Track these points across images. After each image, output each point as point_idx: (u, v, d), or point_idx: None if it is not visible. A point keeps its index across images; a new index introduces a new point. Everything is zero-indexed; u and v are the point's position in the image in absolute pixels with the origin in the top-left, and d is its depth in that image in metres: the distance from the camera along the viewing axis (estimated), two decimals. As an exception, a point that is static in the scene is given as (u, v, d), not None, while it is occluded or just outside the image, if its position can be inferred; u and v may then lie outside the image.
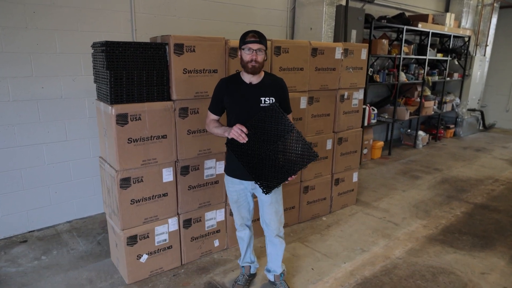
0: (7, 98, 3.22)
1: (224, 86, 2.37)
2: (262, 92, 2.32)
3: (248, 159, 2.25)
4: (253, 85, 2.33)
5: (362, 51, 3.82)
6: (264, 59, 2.27)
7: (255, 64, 2.22)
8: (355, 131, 4.01)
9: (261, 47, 2.22)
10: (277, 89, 2.37)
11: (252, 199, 2.60)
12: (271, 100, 2.30)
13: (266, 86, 2.34)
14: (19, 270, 2.91)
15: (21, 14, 3.17)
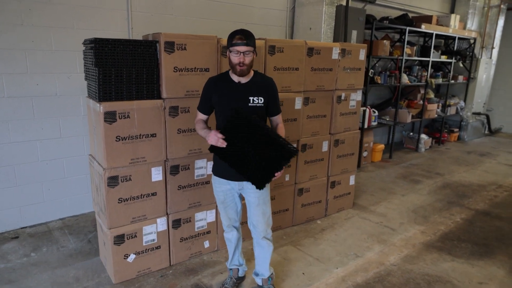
0: (1, 94, 3.21)
1: (212, 85, 2.35)
2: (250, 92, 2.28)
3: (233, 160, 2.21)
4: (241, 84, 2.30)
5: (360, 51, 3.76)
6: (252, 60, 2.22)
7: (243, 67, 2.19)
8: (353, 133, 3.95)
9: (249, 49, 2.17)
10: (266, 89, 2.33)
11: (240, 201, 2.57)
12: (259, 100, 2.28)
13: (255, 85, 2.30)
14: (7, 266, 2.90)
15: (17, 11, 3.16)
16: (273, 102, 2.37)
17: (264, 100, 2.30)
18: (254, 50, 2.21)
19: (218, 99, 2.33)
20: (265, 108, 2.35)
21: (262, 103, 2.30)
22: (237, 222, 2.63)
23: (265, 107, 2.34)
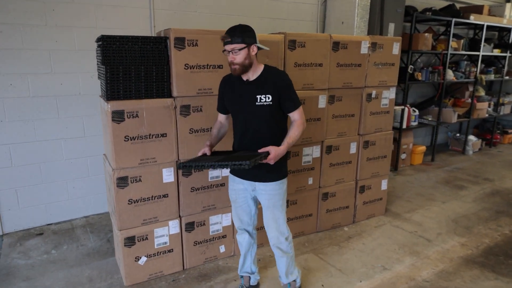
0: (27, 94, 3.29)
1: (223, 84, 2.29)
2: (258, 89, 2.13)
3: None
4: (249, 82, 2.15)
5: (393, 45, 3.45)
6: (245, 58, 2.06)
7: (234, 66, 2.07)
8: (385, 134, 3.64)
9: (234, 47, 2.03)
10: (274, 84, 2.12)
11: (255, 204, 2.43)
12: (266, 98, 2.11)
13: (263, 82, 2.14)
14: (28, 262, 2.96)
15: (41, 11, 3.22)
16: (285, 97, 2.15)
17: (273, 98, 2.12)
18: (246, 47, 2.04)
19: (227, 98, 2.27)
20: (277, 105, 2.15)
21: (270, 101, 2.12)
22: (250, 226, 2.48)
23: (276, 104, 2.14)
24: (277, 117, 2.20)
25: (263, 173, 2.22)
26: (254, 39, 2.09)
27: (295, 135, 2.17)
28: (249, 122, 2.19)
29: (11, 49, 3.17)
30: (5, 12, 3.09)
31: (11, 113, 3.26)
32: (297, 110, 2.20)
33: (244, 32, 2.05)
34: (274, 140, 2.16)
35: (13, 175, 3.36)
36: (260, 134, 2.19)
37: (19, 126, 3.30)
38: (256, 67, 2.14)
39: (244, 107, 2.17)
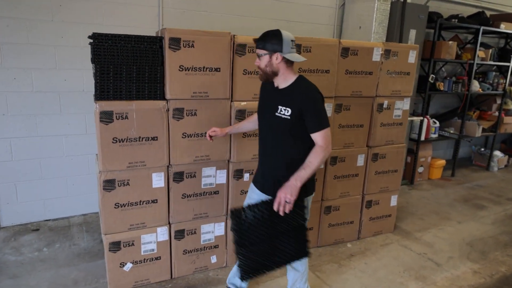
0: (30, 89, 3.27)
1: (263, 85, 2.24)
2: (281, 100, 2.04)
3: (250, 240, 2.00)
4: (278, 89, 2.07)
5: (409, 53, 3.23)
6: (266, 65, 1.98)
7: (260, 72, 2.06)
8: (397, 147, 3.42)
9: (257, 52, 2.01)
10: (296, 100, 1.98)
11: None
12: (286, 111, 1.99)
13: (288, 94, 2.03)
14: (18, 259, 2.93)
15: (48, 7, 3.19)
16: (308, 116, 1.97)
17: (292, 112, 1.97)
18: (267, 54, 1.96)
19: (260, 100, 2.26)
20: (296, 122, 1.99)
21: (289, 115, 1.98)
22: None
23: (295, 121, 1.99)
24: (296, 135, 2.04)
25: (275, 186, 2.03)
26: (280, 47, 1.94)
27: (313, 163, 1.95)
28: (267, 130, 2.14)
29: (16, 44, 3.15)
30: (12, 6, 3.08)
31: (13, 107, 3.25)
32: (320, 133, 1.98)
33: (269, 39, 1.96)
34: (289, 157, 2.06)
35: (13, 169, 3.35)
36: (276, 146, 2.10)
37: (21, 121, 3.29)
38: (286, 76, 2.03)
39: (266, 113, 2.13)
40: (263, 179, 2.19)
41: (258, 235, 1.97)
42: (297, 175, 1.95)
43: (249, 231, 1.96)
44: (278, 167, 2.11)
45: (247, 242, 1.97)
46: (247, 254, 1.97)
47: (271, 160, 2.13)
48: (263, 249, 1.99)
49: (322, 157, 1.97)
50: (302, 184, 1.95)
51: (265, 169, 2.19)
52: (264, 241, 1.99)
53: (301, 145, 2.06)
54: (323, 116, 2.00)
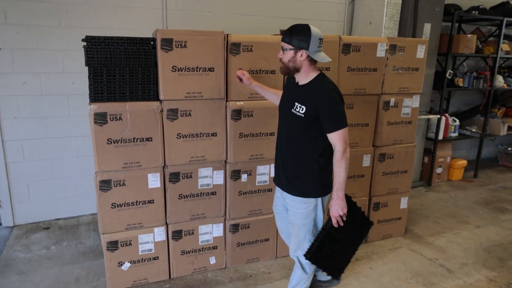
0: (40, 92, 3.38)
1: (287, 80, 2.28)
2: (298, 96, 2.05)
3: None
4: (298, 85, 2.08)
5: (418, 48, 3.09)
6: (289, 60, 1.97)
7: (280, 65, 2.06)
8: (405, 146, 3.28)
9: (282, 45, 2.00)
10: (315, 99, 1.97)
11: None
12: (301, 109, 1.98)
13: (306, 91, 2.03)
14: (26, 256, 3.03)
15: (55, 12, 3.29)
16: (323, 115, 1.95)
17: (307, 110, 1.97)
18: (292, 49, 1.95)
19: (283, 93, 2.29)
20: (310, 121, 1.99)
21: (303, 113, 1.98)
22: (288, 239, 2.42)
23: (310, 119, 1.98)
24: (310, 134, 2.03)
25: (288, 183, 2.16)
26: (307, 45, 1.91)
27: (342, 171, 1.97)
28: (283, 126, 2.16)
29: (26, 49, 3.27)
30: (21, 13, 3.20)
31: (24, 110, 3.37)
32: (336, 133, 1.94)
33: (297, 35, 1.93)
34: (302, 157, 2.07)
35: (24, 169, 3.48)
36: (289, 144, 2.10)
37: (31, 123, 3.41)
38: (307, 73, 2.02)
39: (284, 109, 2.14)
40: (279, 176, 2.24)
41: (333, 253, 2.17)
42: (336, 188, 2.01)
43: (326, 255, 2.16)
44: (290, 165, 2.12)
45: (328, 262, 2.18)
46: (332, 265, 2.21)
47: (284, 157, 2.15)
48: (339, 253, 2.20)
49: (344, 163, 1.97)
50: (343, 194, 2.02)
51: (279, 165, 2.22)
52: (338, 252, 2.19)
53: (315, 145, 2.04)
54: (340, 116, 1.95)
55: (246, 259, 2.98)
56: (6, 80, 3.26)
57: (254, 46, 2.57)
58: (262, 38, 2.59)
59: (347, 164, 1.97)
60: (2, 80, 3.25)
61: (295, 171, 2.09)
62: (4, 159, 3.38)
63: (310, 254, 2.11)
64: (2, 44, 3.20)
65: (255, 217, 2.90)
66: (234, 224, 2.84)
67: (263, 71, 2.64)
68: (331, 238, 2.12)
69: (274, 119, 2.72)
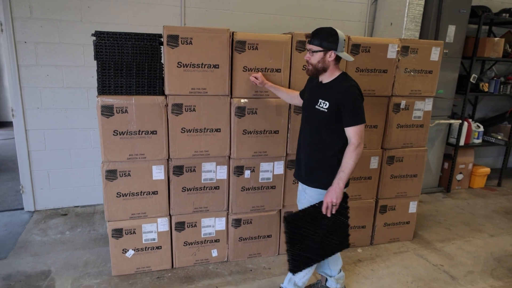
0: (61, 85, 3.57)
1: (309, 80, 2.37)
2: (322, 93, 2.14)
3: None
4: (321, 84, 2.18)
5: (432, 50, 3.02)
6: (319, 61, 2.08)
7: (308, 67, 2.15)
8: (416, 150, 3.21)
9: (311, 48, 2.09)
10: (335, 94, 2.07)
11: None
12: (324, 105, 2.09)
13: (329, 88, 2.12)
14: (42, 240, 3.21)
15: (77, 8, 3.46)
16: (344, 110, 2.05)
17: (330, 106, 2.07)
18: (322, 51, 2.05)
19: (306, 93, 2.35)
20: (333, 116, 2.09)
21: (326, 108, 2.09)
22: None
23: (333, 115, 2.08)
24: (330, 127, 2.13)
25: (309, 176, 2.24)
26: (335, 45, 2.05)
27: (349, 163, 2.06)
28: (306, 122, 2.24)
29: (49, 43, 3.46)
30: (45, 8, 3.38)
31: (46, 101, 3.56)
32: (353, 128, 2.06)
33: (326, 37, 2.04)
34: (323, 151, 2.16)
35: (46, 158, 3.68)
36: (311, 139, 2.20)
37: (52, 114, 3.60)
38: (332, 73, 2.13)
39: (308, 106, 2.21)
40: (299, 169, 2.33)
41: (307, 235, 2.17)
42: (338, 177, 2.08)
43: (299, 232, 2.16)
44: (310, 158, 2.22)
45: (297, 242, 2.17)
46: (297, 251, 2.18)
47: (305, 151, 2.24)
48: (311, 245, 2.19)
49: (355, 156, 2.05)
50: (344, 185, 2.09)
51: (300, 159, 2.30)
52: (312, 239, 2.18)
53: (335, 140, 2.14)
54: (360, 112, 2.07)
55: (248, 254, 3.02)
56: (30, 72, 3.46)
57: (259, 45, 2.60)
58: (267, 37, 2.62)
59: (357, 158, 2.07)
60: (26, 72, 3.45)
61: (315, 165, 2.20)
62: (27, 147, 3.59)
63: (291, 218, 2.15)
64: (27, 37, 3.39)
65: (258, 213, 2.93)
66: (237, 219, 2.89)
67: (268, 69, 2.67)
68: (312, 219, 2.16)
69: (279, 117, 2.76)
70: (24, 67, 3.45)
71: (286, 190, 2.96)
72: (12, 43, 3.37)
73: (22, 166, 3.64)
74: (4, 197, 4.03)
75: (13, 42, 3.38)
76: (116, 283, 2.66)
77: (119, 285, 2.64)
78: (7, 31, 3.34)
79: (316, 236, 2.18)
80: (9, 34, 3.35)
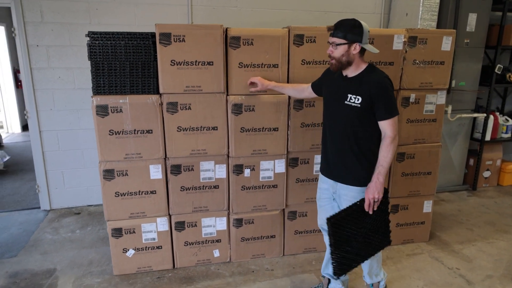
0: (72, 86, 3.66)
1: (326, 74, 2.31)
2: (351, 88, 2.05)
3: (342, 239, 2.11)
4: (347, 78, 2.09)
5: (443, 39, 2.82)
6: (343, 54, 1.99)
7: (331, 61, 2.05)
8: (429, 146, 3.02)
9: (334, 40, 1.99)
10: (368, 88, 1.99)
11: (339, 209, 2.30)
12: (356, 99, 2.01)
13: (359, 82, 2.03)
14: (53, 238, 3.30)
15: (86, 11, 3.53)
16: (378, 103, 1.99)
17: (363, 100, 2.00)
18: (346, 43, 1.96)
19: (325, 90, 2.26)
20: (367, 110, 2.02)
21: (359, 103, 2.01)
22: None
23: (367, 108, 2.02)
24: (364, 122, 2.06)
25: (345, 173, 2.15)
26: (360, 37, 1.97)
27: (388, 157, 2.01)
28: (335, 118, 2.15)
29: (60, 46, 3.55)
30: (55, 12, 3.47)
31: (59, 102, 3.66)
32: (388, 121, 2.01)
33: (350, 29, 1.96)
34: (356, 144, 2.09)
35: (60, 158, 3.78)
36: (344, 135, 2.11)
37: (65, 115, 3.70)
38: (358, 66, 2.05)
39: (335, 102, 2.13)
40: (331, 167, 2.22)
41: (350, 235, 2.10)
42: (378, 172, 2.03)
43: (343, 233, 2.09)
44: (346, 155, 2.13)
45: (342, 244, 2.10)
46: (342, 254, 2.11)
47: (336, 148, 2.16)
48: (355, 246, 2.12)
49: (393, 149, 2.01)
50: (384, 180, 2.04)
51: (333, 157, 2.20)
52: (356, 240, 2.11)
53: (370, 134, 2.08)
54: (394, 103, 2.02)
55: (252, 255, 2.96)
56: (43, 74, 3.57)
57: (255, 40, 2.53)
58: (263, 32, 2.54)
59: (394, 152, 2.03)
60: (39, 75, 3.56)
61: (352, 161, 2.12)
62: (41, 147, 3.71)
63: (334, 219, 2.05)
64: (39, 41, 3.50)
65: (260, 213, 2.87)
66: (238, 219, 2.84)
67: (265, 65, 2.59)
68: (355, 218, 2.08)
69: (277, 114, 2.68)
70: (36, 70, 3.56)
71: (289, 189, 2.87)
72: (25, 46, 3.49)
73: (37, 166, 3.76)
74: (25, 196, 4.20)
75: (26, 46, 3.49)
76: (116, 282, 2.68)
77: (119, 284, 2.66)
78: (20, 35, 3.46)
79: (359, 236, 2.11)
80: (22, 38, 3.47)
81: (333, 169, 2.20)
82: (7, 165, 5.16)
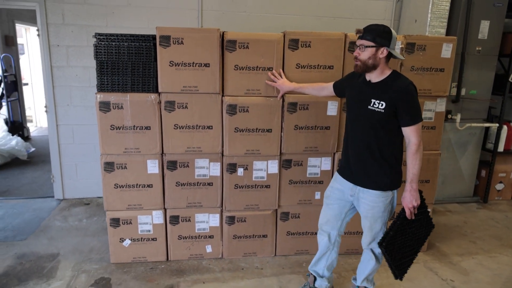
0: (88, 84, 3.88)
1: (351, 75, 2.33)
2: (375, 93, 2.08)
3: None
4: (371, 83, 2.12)
5: (443, 46, 2.80)
6: (369, 58, 2.02)
7: (357, 63, 2.08)
8: (428, 154, 2.99)
9: (362, 43, 2.03)
10: (395, 94, 2.02)
11: (351, 213, 2.39)
12: (380, 105, 2.05)
13: (383, 87, 2.06)
14: (61, 225, 3.50)
15: (103, 14, 3.74)
16: (402, 109, 2.02)
17: (387, 106, 2.02)
18: (374, 47, 2.00)
19: (348, 94, 2.30)
20: (390, 116, 2.05)
21: (383, 108, 2.04)
22: (334, 230, 2.43)
23: (390, 114, 2.04)
24: (387, 128, 2.10)
25: (366, 177, 2.18)
26: (388, 42, 2.01)
27: (417, 163, 2.08)
28: (358, 123, 2.18)
29: (78, 46, 3.78)
30: (76, 15, 3.71)
31: (75, 99, 3.89)
32: (413, 127, 2.04)
33: (379, 32, 2.01)
34: (378, 149, 2.12)
35: (74, 150, 4.01)
36: (366, 139, 2.14)
37: (80, 111, 3.92)
38: (382, 71, 2.08)
39: (358, 107, 2.16)
40: (352, 170, 2.24)
41: (402, 245, 2.20)
42: (410, 180, 2.09)
43: (397, 248, 2.18)
44: (368, 160, 2.16)
45: (397, 255, 2.20)
46: (399, 262, 2.22)
47: (359, 152, 2.19)
48: (408, 249, 2.24)
49: (419, 155, 2.06)
50: (417, 186, 2.12)
51: (354, 160, 2.23)
52: (407, 245, 2.22)
53: (392, 139, 2.13)
54: (418, 110, 2.04)
55: (243, 253, 3.03)
56: (62, 72, 3.81)
57: (250, 43, 2.62)
58: (259, 36, 2.63)
59: (422, 157, 2.08)
60: (59, 72, 3.81)
61: (374, 165, 2.15)
62: (57, 140, 3.95)
63: (386, 243, 2.11)
64: (60, 41, 3.74)
65: (252, 212, 2.94)
66: (230, 216, 2.92)
67: (260, 68, 2.67)
68: (402, 230, 2.16)
69: (271, 116, 2.75)
70: (56, 68, 3.81)
71: (282, 190, 2.93)
72: (46, 46, 3.74)
73: (53, 158, 4.01)
74: (42, 186, 4.46)
75: (48, 46, 3.74)
76: (112, 270, 2.82)
77: (114, 272, 2.80)
78: (42, 35, 3.72)
79: (409, 240, 2.21)
80: (44, 38, 3.72)
81: (354, 172, 2.22)
82: (30, 156, 5.50)
